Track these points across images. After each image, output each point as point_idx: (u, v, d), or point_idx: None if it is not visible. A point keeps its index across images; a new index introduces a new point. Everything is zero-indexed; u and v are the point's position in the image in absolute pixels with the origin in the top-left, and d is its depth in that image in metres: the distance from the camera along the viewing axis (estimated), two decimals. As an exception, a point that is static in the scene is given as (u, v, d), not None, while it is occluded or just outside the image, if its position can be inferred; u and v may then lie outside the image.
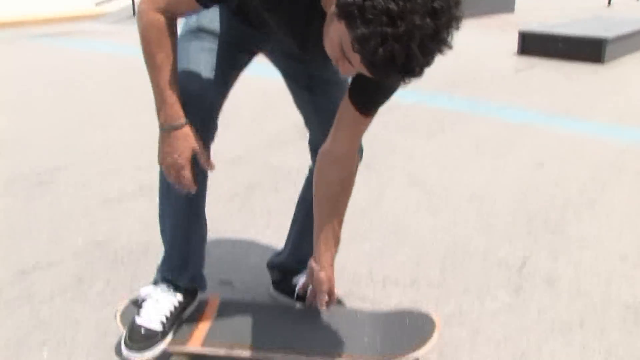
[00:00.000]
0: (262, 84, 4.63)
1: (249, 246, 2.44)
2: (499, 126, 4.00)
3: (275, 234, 2.46)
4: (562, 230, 2.53)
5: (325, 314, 1.77)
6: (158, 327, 1.67)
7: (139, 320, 1.69)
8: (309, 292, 1.81)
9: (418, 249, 2.39)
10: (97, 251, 2.43)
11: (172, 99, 1.47)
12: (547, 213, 2.69)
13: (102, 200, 2.91)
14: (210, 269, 2.26)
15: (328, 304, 1.73)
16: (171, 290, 1.74)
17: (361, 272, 2.21)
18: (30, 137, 3.88)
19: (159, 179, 1.67)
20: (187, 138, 1.50)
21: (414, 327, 1.71)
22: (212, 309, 1.84)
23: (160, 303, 1.71)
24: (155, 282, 1.81)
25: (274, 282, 2.06)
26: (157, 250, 2.40)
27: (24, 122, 4.17)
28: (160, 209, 1.75)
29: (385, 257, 2.33)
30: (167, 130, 1.50)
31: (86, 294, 2.14)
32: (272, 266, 2.05)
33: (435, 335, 1.65)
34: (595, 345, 1.82)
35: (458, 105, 4.54)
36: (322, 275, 1.69)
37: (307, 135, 1.87)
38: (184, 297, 1.76)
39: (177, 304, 1.73)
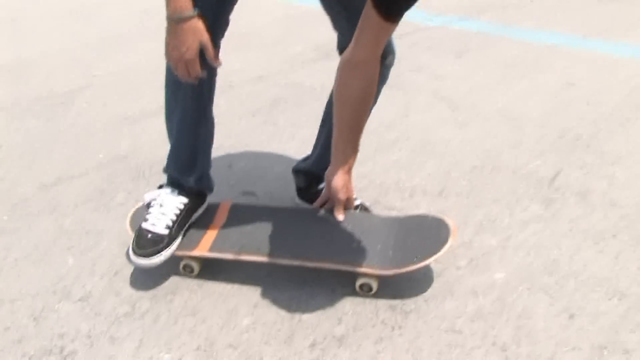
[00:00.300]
0: (284, 9, 4.51)
1: (273, 157, 2.40)
2: (527, 47, 3.85)
3: (300, 146, 2.41)
4: (594, 146, 2.44)
5: (341, 221, 1.73)
6: (164, 232, 1.66)
7: (145, 225, 1.68)
8: (320, 199, 1.78)
9: (446, 160, 2.33)
10: (119, 164, 2.40)
11: None
12: (578, 130, 2.59)
13: (123, 117, 2.87)
14: (233, 181, 2.23)
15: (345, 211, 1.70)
16: (176, 193, 1.73)
17: (388, 183, 2.16)
18: (50, 62, 3.84)
19: (166, 76, 1.63)
20: (195, 31, 1.45)
21: (428, 233, 1.65)
22: (223, 213, 1.81)
23: (165, 207, 1.70)
24: (161, 186, 1.78)
25: (298, 189, 2.02)
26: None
27: (44, 47, 4.11)
28: (167, 107, 1.71)
29: (413, 168, 2.28)
30: (174, 22, 1.43)
31: (108, 205, 2.12)
32: (298, 171, 2.01)
33: (450, 241, 1.59)
34: (629, 255, 1.76)
35: (485, 27, 4.38)
36: (339, 182, 1.65)
37: (336, 39, 1.78)
38: (190, 200, 1.73)
39: (182, 207, 1.71)
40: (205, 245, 1.68)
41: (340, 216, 1.70)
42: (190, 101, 1.64)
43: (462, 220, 1.92)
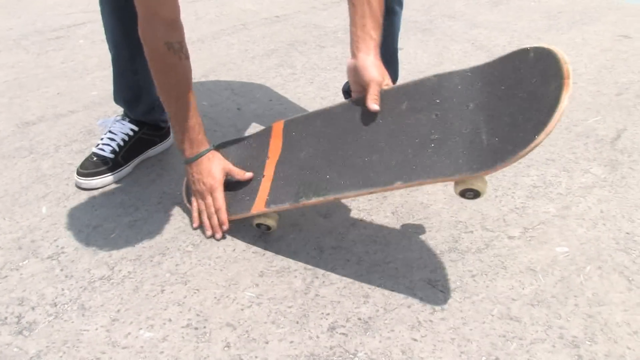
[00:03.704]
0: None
1: (289, 102, 2.08)
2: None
3: (320, 90, 2.09)
4: (659, 104, 2.11)
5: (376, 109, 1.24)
6: (109, 155, 1.64)
7: (93, 149, 1.66)
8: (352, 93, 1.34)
9: (489, 114, 2.00)
10: (112, 104, 2.09)
11: (197, 127, 1.39)
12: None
13: (121, 54, 2.55)
14: (241, 125, 1.93)
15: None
16: (126, 120, 1.71)
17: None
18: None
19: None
20: (218, 159, 1.42)
21: (525, 87, 1.07)
22: (277, 139, 1.42)
23: (114, 133, 1.68)
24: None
25: None
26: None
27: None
28: (105, 30, 1.63)
29: (451, 120, 1.95)
30: (195, 159, 1.41)
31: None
32: (347, 91, 1.70)
33: (565, 94, 0.99)
34: None
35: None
36: (367, 62, 1.24)
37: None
38: (141, 129, 1.71)
39: (131, 134, 1.69)
40: (263, 197, 1.34)
41: (375, 105, 1.24)
42: (121, 35, 1.57)
43: (512, 182, 1.61)
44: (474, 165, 1.07)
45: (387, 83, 1.27)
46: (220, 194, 1.39)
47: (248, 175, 1.41)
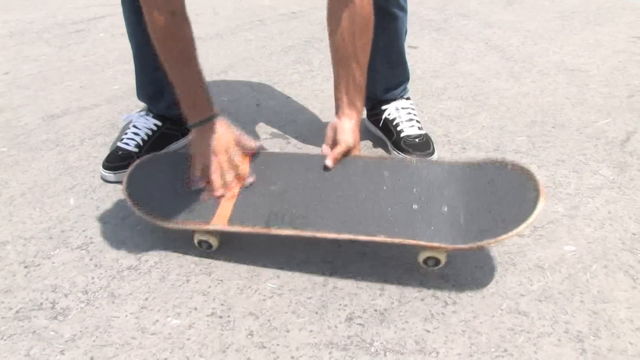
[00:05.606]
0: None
1: (306, 99, 2.14)
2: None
3: (335, 89, 2.15)
4: (669, 107, 2.15)
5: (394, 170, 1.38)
6: (134, 150, 1.71)
7: (118, 144, 1.73)
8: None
9: (501, 113, 2.05)
10: (133, 98, 2.15)
11: (203, 92, 1.41)
12: (649, 89, 2.30)
13: (141, 49, 2.62)
14: (261, 121, 1.99)
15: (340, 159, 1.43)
16: (150, 116, 1.78)
17: (437, 134, 1.90)
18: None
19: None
20: (228, 127, 1.43)
21: (507, 188, 1.28)
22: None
23: (138, 128, 1.75)
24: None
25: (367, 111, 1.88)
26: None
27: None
28: (126, 26, 1.70)
29: (464, 119, 2.01)
30: (204, 124, 1.41)
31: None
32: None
33: (541, 203, 1.22)
34: None
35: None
36: (347, 125, 1.43)
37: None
38: (164, 124, 1.77)
39: (155, 129, 1.76)
40: (224, 214, 1.35)
41: (329, 163, 1.41)
42: (143, 31, 1.49)
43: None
44: (449, 238, 1.24)
45: (356, 150, 1.44)
46: (236, 150, 1.42)
47: (258, 143, 1.46)
